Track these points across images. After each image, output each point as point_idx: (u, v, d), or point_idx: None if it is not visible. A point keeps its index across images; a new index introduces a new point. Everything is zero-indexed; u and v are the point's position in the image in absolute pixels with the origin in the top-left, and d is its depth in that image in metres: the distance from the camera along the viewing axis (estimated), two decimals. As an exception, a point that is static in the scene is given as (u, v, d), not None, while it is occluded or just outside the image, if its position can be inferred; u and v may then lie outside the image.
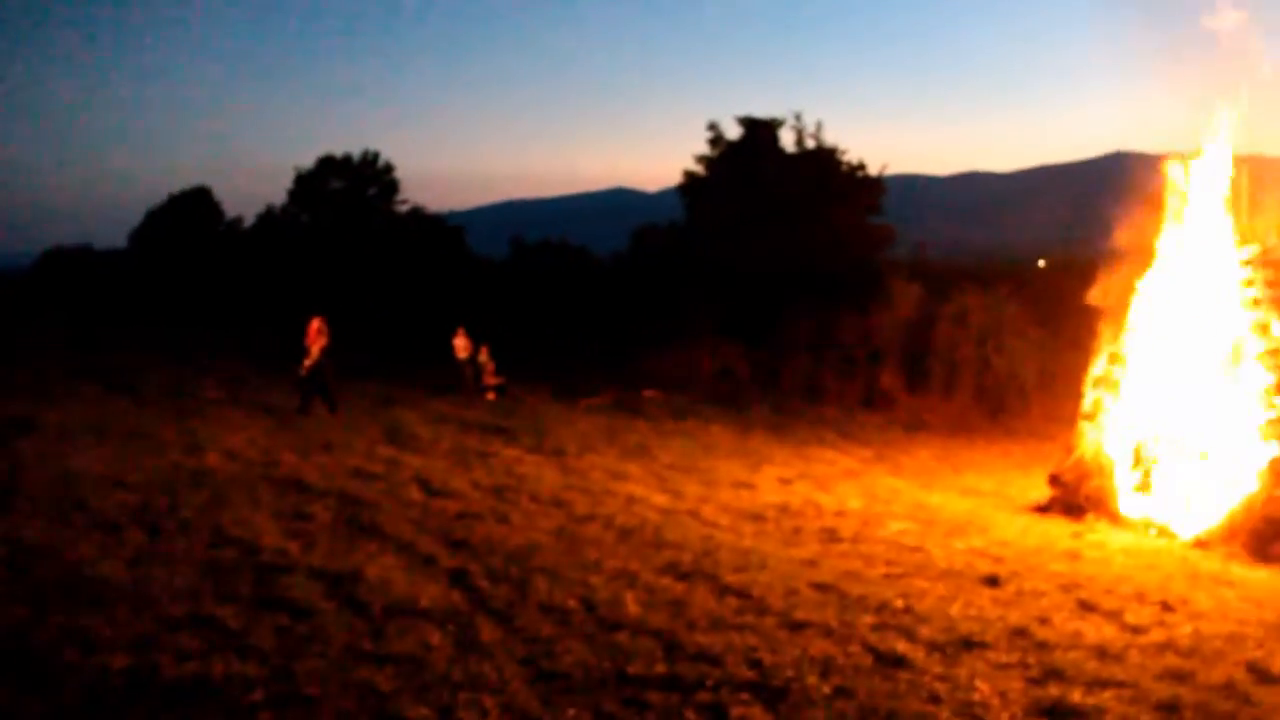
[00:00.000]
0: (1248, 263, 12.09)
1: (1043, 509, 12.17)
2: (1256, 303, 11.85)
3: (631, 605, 7.45)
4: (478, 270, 37.30)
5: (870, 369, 23.72)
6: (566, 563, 8.57)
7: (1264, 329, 11.68)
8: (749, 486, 13.00)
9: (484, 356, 20.86)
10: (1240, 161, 12.85)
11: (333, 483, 11.12)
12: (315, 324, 15.70)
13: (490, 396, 20.04)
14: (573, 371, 23.04)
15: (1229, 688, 6.66)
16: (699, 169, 36.69)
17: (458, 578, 7.96)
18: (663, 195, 58.63)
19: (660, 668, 6.26)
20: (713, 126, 36.42)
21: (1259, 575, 9.65)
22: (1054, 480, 12.41)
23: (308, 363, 15.53)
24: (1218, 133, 12.53)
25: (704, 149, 36.47)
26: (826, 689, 6.14)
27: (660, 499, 11.83)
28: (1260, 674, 6.94)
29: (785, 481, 13.50)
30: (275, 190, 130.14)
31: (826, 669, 6.47)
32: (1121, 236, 13.38)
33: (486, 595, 7.55)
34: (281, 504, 10.01)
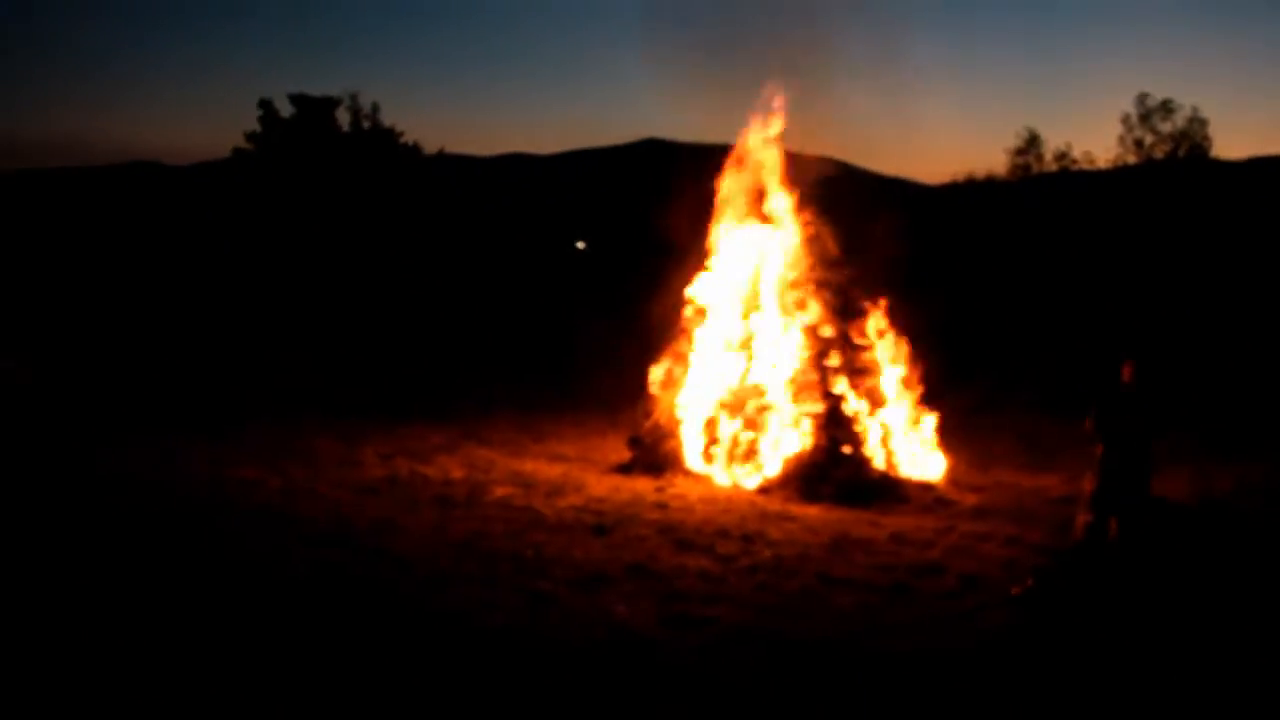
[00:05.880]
0: (790, 247, 14.12)
1: (626, 469, 13.56)
2: (797, 284, 13.89)
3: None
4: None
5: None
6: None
7: (803, 305, 13.74)
8: (354, 464, 13.47)
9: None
10: (784, 155, 14.77)
11: None
12: None
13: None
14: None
15: (807, 592, 8.25)
16: (249, 146, 35.87)
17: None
18: (193, 170, 55.89)
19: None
20: (265, 104, 35.75)
21: (812, 511, 11.52)
22: (634, 443, 13.87)
23: None
24: (762, 127, 14.45)
25: (254, 126, 35.72)
26: (497, 622, 7.02)
27: (275, 481, 12.14)
28: (827, 580, 8.63)
29: (386, 457, 14.05)
30: None
31: (490, 608, 7.34)
32: (665, 220, 14.92)
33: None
34: None
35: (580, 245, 50.68)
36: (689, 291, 14.42)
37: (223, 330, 24.14)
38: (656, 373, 14.18)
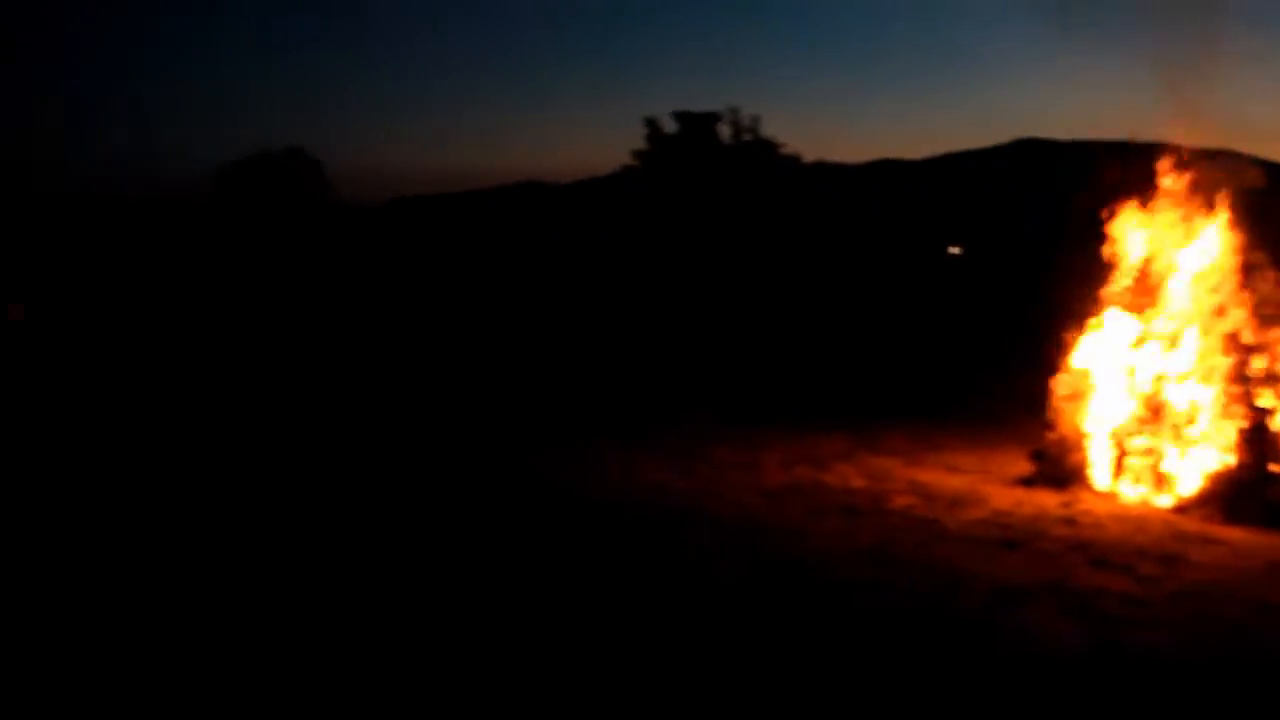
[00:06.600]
0: (1204, 248, 13.32)
1: (1027, 482, 13.27)
2: (1216, 290, 13.12)
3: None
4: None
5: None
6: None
7: (1222, 311, 12.95)
8: (755, 468, 14.00)
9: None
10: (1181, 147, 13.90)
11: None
12: None
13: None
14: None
15: (1245, 623, 7.88)
16: (635, 163, 37.64)
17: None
18: (574, 187, 59.19)
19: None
20: (650, 121, 37.43)
21: (1237, 533, 10.88)
22: (1037, 456, 13.55)
23: None
24: (1178, 123, 13.63)
25: (639, 143, 37.41)
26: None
27: (683, 483, 12.87)
28: (1264, 608, 8.21)
29: (786, 463, 14.46)
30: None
31: (914, 620, 7.54)
32: (1048, 221, 14.35)
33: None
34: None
35: (954, 250, 49.34)
36: (1089, 298, 13.93)
37: (617, 340, 25.60)
38: (1059, 384, 13.80)
